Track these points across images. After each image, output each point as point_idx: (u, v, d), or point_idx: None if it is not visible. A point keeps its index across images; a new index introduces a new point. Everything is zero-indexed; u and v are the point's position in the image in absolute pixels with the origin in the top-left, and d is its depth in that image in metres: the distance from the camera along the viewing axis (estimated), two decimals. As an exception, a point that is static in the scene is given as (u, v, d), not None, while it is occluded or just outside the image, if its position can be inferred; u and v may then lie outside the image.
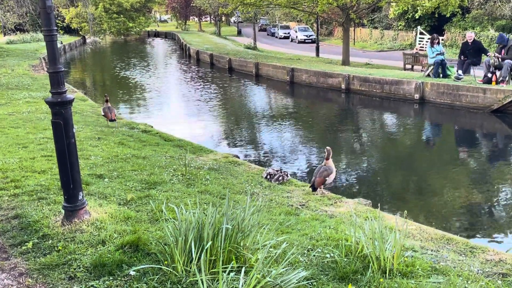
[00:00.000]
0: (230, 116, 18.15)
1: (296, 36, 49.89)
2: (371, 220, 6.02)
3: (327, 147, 7.17)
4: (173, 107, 19.92)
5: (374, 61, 29.61)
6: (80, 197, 5.04)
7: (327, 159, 7.08)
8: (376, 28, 44.59)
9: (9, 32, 51.88)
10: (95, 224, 4.96)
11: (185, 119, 17.39)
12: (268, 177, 7.73)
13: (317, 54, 34.75)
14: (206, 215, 4.31)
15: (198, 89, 24.41)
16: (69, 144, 4.90)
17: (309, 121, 17.13)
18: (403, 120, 17.54)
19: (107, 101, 11.43)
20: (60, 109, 4.83)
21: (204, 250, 4.00)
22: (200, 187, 6.67)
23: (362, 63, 29.23)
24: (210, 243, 3.92)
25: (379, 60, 30.26)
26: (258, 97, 23.36)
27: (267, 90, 25.05)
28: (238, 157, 9.59)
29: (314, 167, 11.17)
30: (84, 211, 5.11)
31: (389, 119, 17.70)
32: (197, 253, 3.96)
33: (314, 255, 4.63)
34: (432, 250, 5.16)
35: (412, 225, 6.00)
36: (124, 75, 29.28)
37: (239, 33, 63.33)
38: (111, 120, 11.20)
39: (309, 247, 4.82)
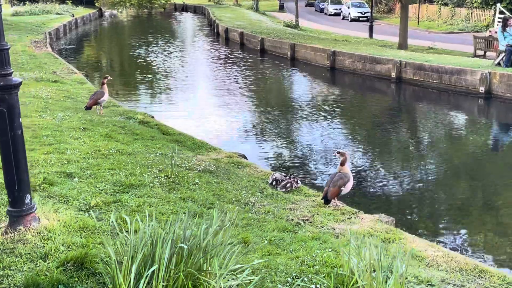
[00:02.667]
0: (253, 107, 18.05)
1: (349, 13, 49.19)
2: (388, 242, 5.77)
3: (342, 151, 6.93)
4: (188, 94, 20.01)
5: (439, 44, 28.86)
6: (27, 201, 4.97)
7: (343, 164, 6.84)
8: (446, 5, 43.41)
9: (16, 2, 53.48)
10: (42, 234, 4.90)
11: (198, 108, 17.46)
12: (274, 183, 7.55)
13: (370, 35, 34.18)
14: (163, 229, 4.18)
15: (220, 73, 24.44)
16: (14, 136, 4.83)
17: (349, 116, 16.81)
18: (465, 118, 17.01)
19: (103, 83, 11.47)
20: (3, 95, 4.77)
21: (156, 274, 3.87)
22: (185, 193, 6.56)
23: (424, 46, 28.59)
24: (156, 266, 3.77)
25: (446, 44, 29.48)
26: (291, 85, 23.16)
27: (303, 77, 24.80)
28: (246, 157, 9.45)
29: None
30: (32, 218, 5.05)
31: (448, 116, 17.16)
32: (146, 278, 3.82)
33: (298, 285, 4.43)
34: (455, 285, 4.87)
35: (439, 251, 5.70)
36: (139, 55, 29.58)
37: (281, 8, 63.03)
38: (86, 108, 11.24)
39: (294, 274, 4.62)
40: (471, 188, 10.74)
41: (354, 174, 11.11)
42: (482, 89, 17.68)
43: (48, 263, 4.38)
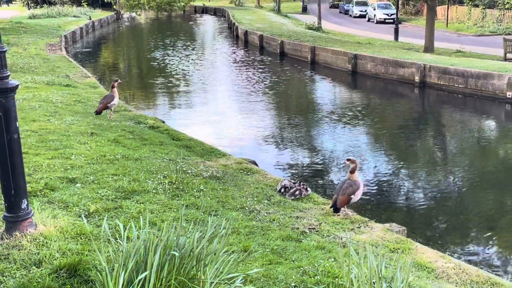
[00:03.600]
0: (270, 112, 18.10)
1: (374, 15, 49.00)
2: (396, 252, 5.73)
3: (352, 158, 6.93)
4: (203, 98, 20.15)
5: (468, 47, 28.59)
6: (24, 206, 5.06)
7: (353, 172, 6.83)
8: (476, 6, 42.99)
9: (33, 5, 54.51)
10: (38, 240, 4.98)
11: (214, 113, 17.57)
12: (283, 190, 7.56)
13: (396, 38, 34.00)
14: (157, 236, 4.22)
15: (237, 77, 24.55)
16: (10, 140, 4.94)
17: (370, 122, 16.73)
18: (492, 124, 16.83)
19: (113, 87, 11.61)
20: (-1, 98, 4.88)
21: (148, 282, 3.91)
22: (188, 200, 6.61)
23: (452, 50, 28.37)
24: (146, 273, 3.80)
25: (475, 47, 29.20)
26: (310, 89, 23.16)
27: (322, 81, 24.80)
28: (256, 164, 9.47)
29: (369, 183, 10.97)
30: (28, 223, 5.14)
31: (474, 122, 17.01)
32: (136, 285, 3.87)
33: (297, 296, 4.44)
34: (463, 299, 4.83)
35: (450, 262, 5.66)
36: (156, 58, 29.85)
37: (304, 10, 63.05)
38: (96, 113, 11.36)
39: (294, 284, 4.63)
40: (496, 199, 10.61)
41: (375, 182, 11.14)
42: (510, 94, 17.46)
43: (42, 270, 4.45)
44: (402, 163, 12.72)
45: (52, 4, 50.88)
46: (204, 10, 74.16)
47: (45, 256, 4.68)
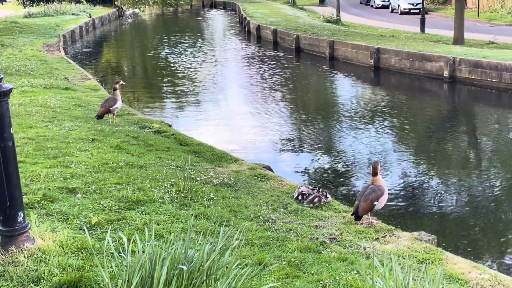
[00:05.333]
0: (286, 113, 18.11)
1: (398, 5, 48.79)
2: (426, 263, 5.69)
3: (375, 160, 6.89)
4: (213, 99, 20.19)
5: (502, 38, 28.36)
6: (20, 219, 5.11)
7: (375, 175, 6.80)
8: (510, -8, 42.73)
9: (29, 3, 55.01)
10: (36, 255, 5.02)
11: (224, 115, 17.63)
12: (300, 197, 7.55)
13: (422, 29, 33.82)
14: (164, 250, 4.24)
15: (249, 76, 24.59)
16: (4, 148, 4.98)
17: (396, 122, 16.67)
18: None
19: (115, 89, 11.68)
20: (-9, 103, 4.92)
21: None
22: (197, 209, 6.63)
23: (484, 41, 28.18)
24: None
25: (510, 38, 28.95)
26: (329, 87, 23.14)
27: (342, 78, 24.75)
28: (271, 169, 9.47)
29: (396, 188, 10.94)
30: (25, 237, 5.18)
31: (510, 120, 16.88)
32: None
33: (317, 312, 4.43)
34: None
35: (485, 273, 5.62)
36: (162, 57, 30.00)
37: (322, 1, 62.98)
38: (98, 117, 11.44)
39: (313, 300, 4.62)
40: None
41: (402, 187, 11.10)
42: (548, 88, 17.33)
43: (40, 288, 4.49)
44: (431, 166, 12.65)
45: (49, 2, 51.19)
46: (213, 4, 74.36)
47: (44, 273, 4.72)
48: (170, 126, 12.59)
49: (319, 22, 38.48)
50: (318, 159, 13.10)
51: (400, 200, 10.56)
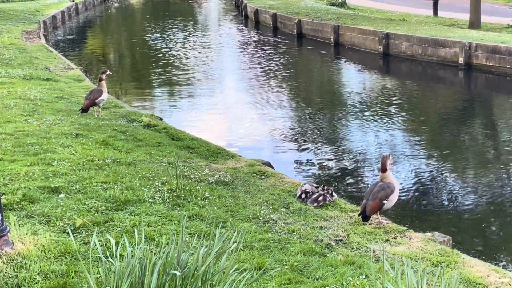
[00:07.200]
0: (288, 104, 18.14)
1: (408, -14, 48.90)
2: (441, 266, 5.71)
3: (385, 154, 6.92)
4: (208, 90, 20.21)
5: (520, 21, 28.41)
6: (-2, 222, 5.11)
7: (384, 171, 6.81)
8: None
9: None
10: (16, 261, 5.03)
11: (221, 107, 17.70)
12: (303, 196, 7.56)
13: (435, 12, 33.88)
14: (155, 253, 4.24)
15: (247, 64, 24.60)
16: (-20, 145, 4.98)
17: (407, 113, 16.73)
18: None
19: (101, 79, 11.68)
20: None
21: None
22: (191, 210, 6.65)
23: (503, 24, 28.19)
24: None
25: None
26: (334, 76, 23.14)
27: (349, 66, 24.76)
28: (271, 165, 9.50)
29: (407, 185, 10.96)
30: (4, 241, 5.18)
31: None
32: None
33: (322, 320, 4.44)
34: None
35: (505, 277, 5.66)
36: (152, 45, 29.99)
37: (325, -18, 63.04)
38: (82, 110, 11.45)
39: (318, 307, 4.63)
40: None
41: (414, 184, 11.13)
42: None
43: (20, 296, 4.49)
44: (446, 161, 12.66)
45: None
46: (207, -13, 74.34)
47: (24, 280, 4.72)
48: (161, 119, 12.60)
49: (323, 5, 38.44)
50: (323, 154, 13.13)
51: (412, 198, 10.59)
